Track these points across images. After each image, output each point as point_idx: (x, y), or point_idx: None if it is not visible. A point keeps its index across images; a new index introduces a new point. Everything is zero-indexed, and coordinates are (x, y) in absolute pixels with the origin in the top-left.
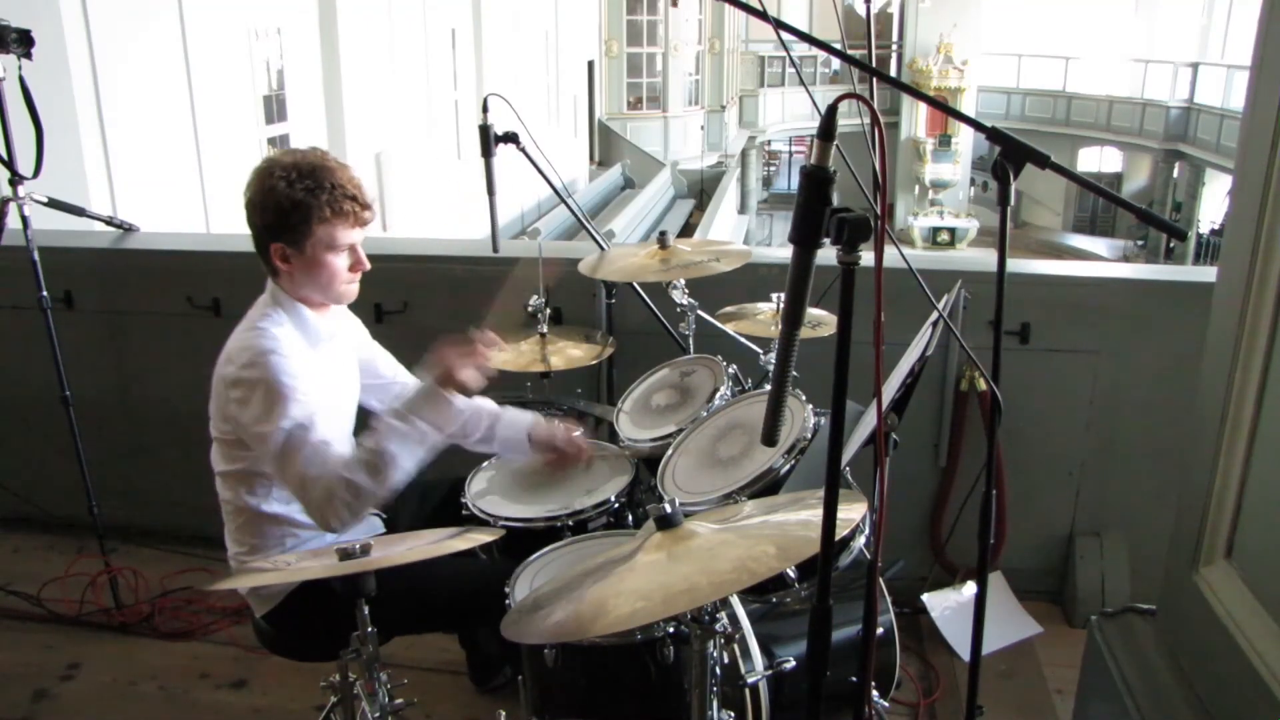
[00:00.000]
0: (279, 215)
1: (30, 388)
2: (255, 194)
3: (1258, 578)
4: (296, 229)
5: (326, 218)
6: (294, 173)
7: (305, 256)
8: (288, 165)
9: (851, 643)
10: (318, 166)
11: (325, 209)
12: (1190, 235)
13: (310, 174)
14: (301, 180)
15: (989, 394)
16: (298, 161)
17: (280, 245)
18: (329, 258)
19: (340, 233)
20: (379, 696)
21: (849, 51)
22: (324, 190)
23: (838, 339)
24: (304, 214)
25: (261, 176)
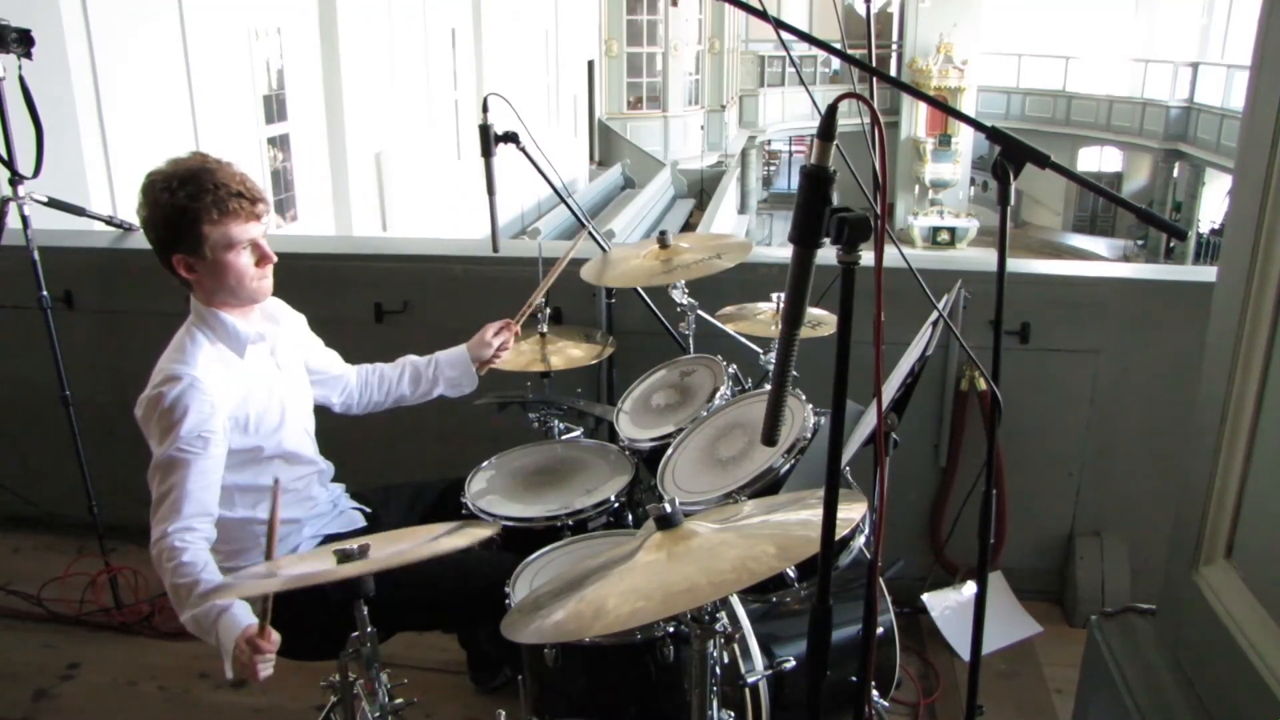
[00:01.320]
0: (170, 227)
1: (30, 388)
2: (144, 211)
3: (1258, 577)
4: (190, 237)
5: (215, 219)
6: (174, 181)
7: (207, 262)
8: (168, 175)
9: (851, 642)
10: (196, 170)
11: (212, 210)
12: (1190, 235)
13: (190, 179)
14: (183, 187)
15: (989, 394)
16: (176, 169)
17: (181, 256)
18: (230, 258)
19: (234, 230)
20: (379, 696)
21: (849, 51)
22: (207, 192)
23: (838, 339)
24: (192, 219)
25: (146, 192)
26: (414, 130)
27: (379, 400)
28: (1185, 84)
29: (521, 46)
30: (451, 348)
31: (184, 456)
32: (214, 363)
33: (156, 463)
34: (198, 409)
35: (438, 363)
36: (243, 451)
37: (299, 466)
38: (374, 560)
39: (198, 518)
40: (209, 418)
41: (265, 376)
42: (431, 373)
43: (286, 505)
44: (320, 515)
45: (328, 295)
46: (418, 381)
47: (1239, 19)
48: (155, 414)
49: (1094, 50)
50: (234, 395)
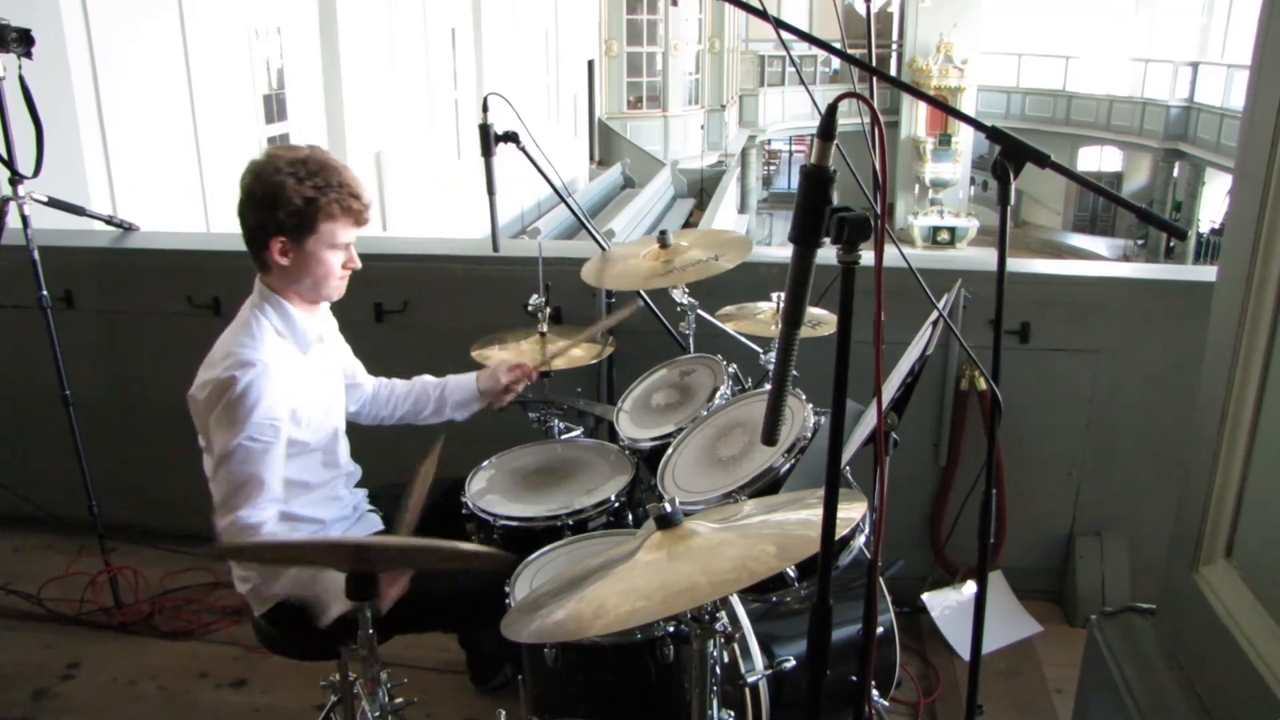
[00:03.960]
0: (286, 210)
1: (30, 388)
2: (258, 188)
3: (1258, 577)
4: (302, 225)
5: (334, 215)
6: (301, 169)
7: (305, 252)
8: (293, 161)
9: (851, 642)
10: (325, 164)
11: (334, 206)
12: (1190, 235)
13: (320, 170)
14: (311, 177)
15: (989, 393)
16: (304, 157)
17: (282, 240)
18: (327, 255)
19: (342, 231)
20: (379, 696)
21: (849, 51)
22: (331, 188)
23: (838, 338)
24: (312, 210)
25: (265, 171)
26: (414, 130)
27: (384, 416)
28: (1185, 84)
29: (521, 46)
30: (464, 374)
31: (257, 446)
32: (280, 354)
33: (228, 450)
34: (271, 396)
35: (446, 386)
36: (291, 444)
37: (333, 468)
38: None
39: (272, 504)
40: (277, 405)
41: (319, 375)
42: (439, 394)
43: (314, 504)
44: (344, 519)
45: None
46: (425, 402)
47: (1239, 19)
48: (224, 400)
49: (1094, 50)
50: (294, 389)
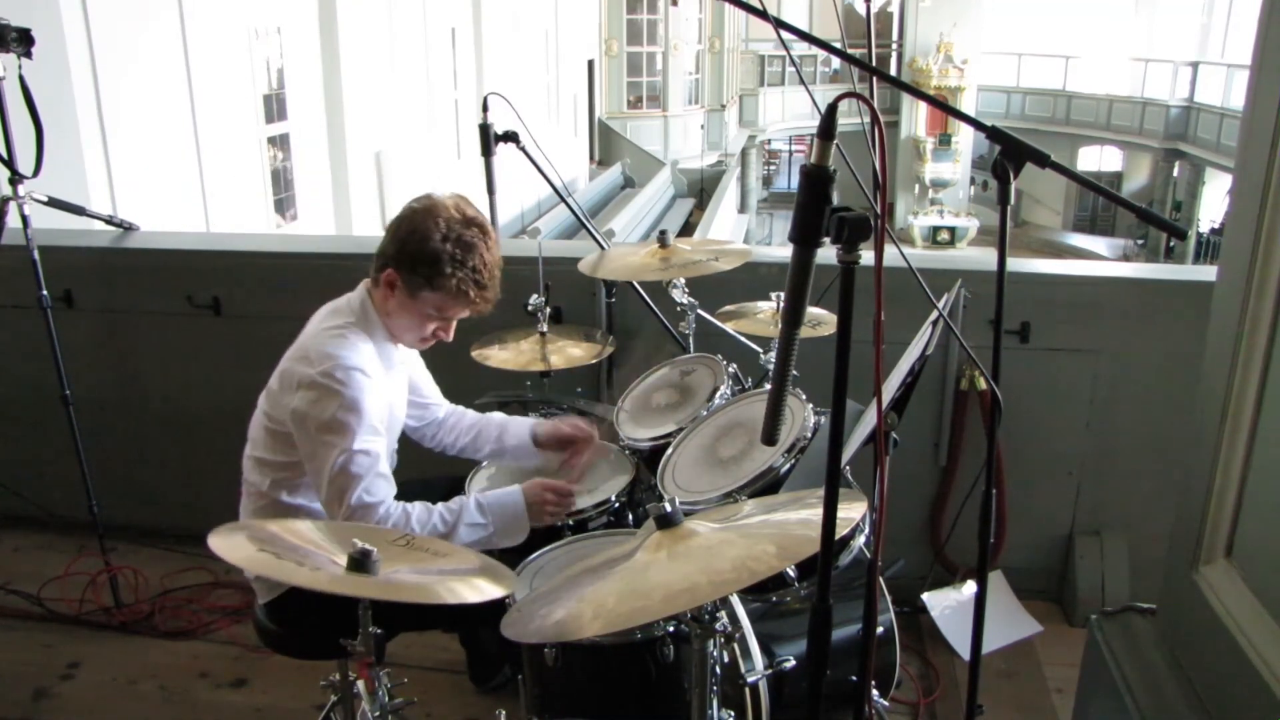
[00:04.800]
0: (415, 257)
1: (30, 388)
2: (410, 225)
3: (1258, 577)
4: (418, 278)
5: (448, 289)
6: (457, 229)
7: (407, 299)
8: (458, 220)
9: (851, 642)
10: (475, 242)
11: (452, 281)
12: (1190, 234)
13: (468, 243)
14: (458, 243)
15: (989, 393)
16: (468, 219)
17: (398, 276)
18: (425, 314)
19: (451, 308)
20: (379, 696)
21: (849, 51)
22: (464, 267)
23: (838, 338)
24: (434, 272)
25: (432, 209)
26: (414, 130)
27: (446, 444)
28: (1185, 83)
29: (521, 46)
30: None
31: (369, 448)
32: (374, 366)
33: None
34: (373, 403)
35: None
36: None
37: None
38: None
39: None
40: (379, 408)
41: (391, 393)
42: (499, 434)
43: None
44: None
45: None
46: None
47: (1239, 19)
48: (335, 405)
49: (1094, 50)
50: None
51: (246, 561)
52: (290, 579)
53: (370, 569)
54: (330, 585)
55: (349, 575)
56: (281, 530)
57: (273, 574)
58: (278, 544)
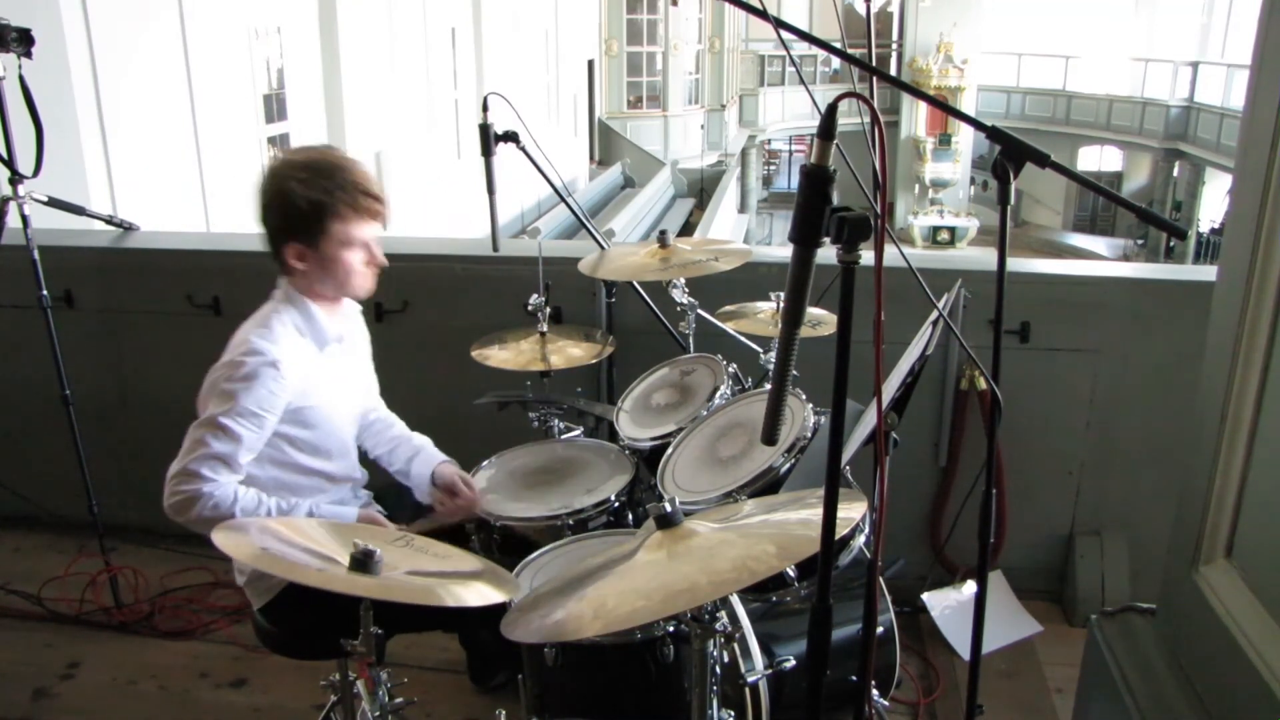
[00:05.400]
0: (296, 216)
1: (30, 388)
2: (269, 195)
3: (1258, 577)
4: (313, 228)
5: (344, 215)
6: (308, 172)
7: (321, 255)
8: (301, 164)
9: (851, 642)
10: (332, 164)
11: (342, 207)
12: (1190, 234)
13: (326, 173)
14: (318, 179)
15: (989, 393)
16: (312, 160)
17: (297, 245)
18: (345, 254)
19: (356, 230)
20: (379, 696)
21: (849, 50)
22: (340, 188)
23: (838, 338)
24: (320, 213)
25: (275, 178)
26: (414, 130)
27: (367, 447)
28: (1185, 83)
29: (521, 46)
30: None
31: (235, 428)
32: (296, 350)
33: (205, 420)
34: (267, 388)
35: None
36: (304, 443)
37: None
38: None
39: (235, 482)
40: (273, 399)
41: (334, 376)
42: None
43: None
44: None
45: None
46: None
47: (1239, 19)
48: (225, 377)
49: (1094, 50)
50: (303, 387)
51: (250, 558)
52: (294, 576)
53: (372, 569)
54: (333, 584)
55: (351, 575)
56: (285, 528)
57: (276, 571)
58: (281, 542)
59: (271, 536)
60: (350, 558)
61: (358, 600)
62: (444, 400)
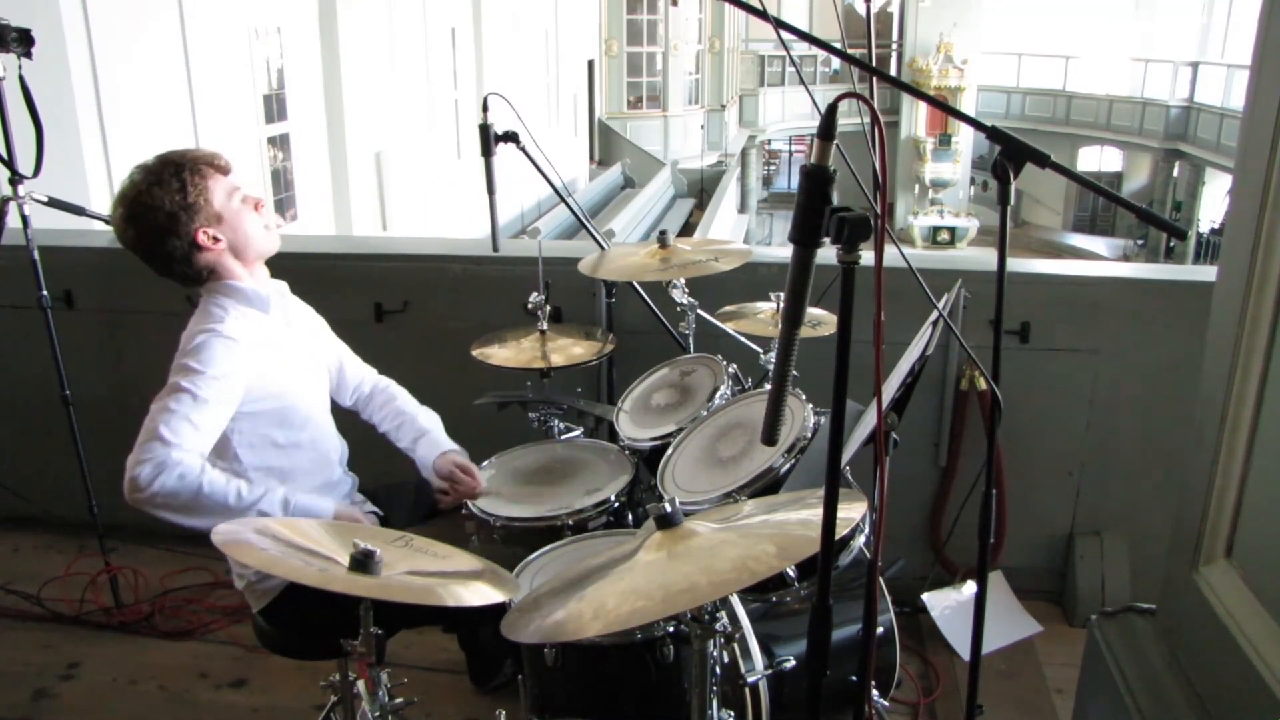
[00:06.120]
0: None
1: (30, 388)
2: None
3: (1258, 577)
4: (200, 206)
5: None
6: (158, 175)
7: (226, 223)
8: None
9: (851, 642)
10: (164, 160)
11: (200, 176)
12: (1190, 235)
13: (165, 166)
14: (167, 172)
15: (989, 393)
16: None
17: (202, 228)
18: (240, 207)
19: (224, 185)
20: (379, 696)
21: (849, 51)
22: (184, 167)
23: (838, 338)
24: (195, 190)
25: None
26: (414, 130)
27: (375, 420)
28: (1185, 84)
29: (521, 46)
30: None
31: (196, 389)
32: (243, 322)
33: (163, 391)
34: (221, 352)
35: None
36: (272, 414)
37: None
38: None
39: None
40: (230, 363)
41: (286, 344)
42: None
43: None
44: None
45: (328, 295)
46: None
47: (1239, 19)
48: (181, 357)
49: (1094, 50)
50: (258, 356)
51: (251, 559)
52: (295, 577)
53: (372, 569)
54: (333, 584)
55: (351, 575)
56: (285, 529)
57: (277, 572)
58: (281, 542)
59: (271, 537)
60: (350, 558)
61: (357, 600)
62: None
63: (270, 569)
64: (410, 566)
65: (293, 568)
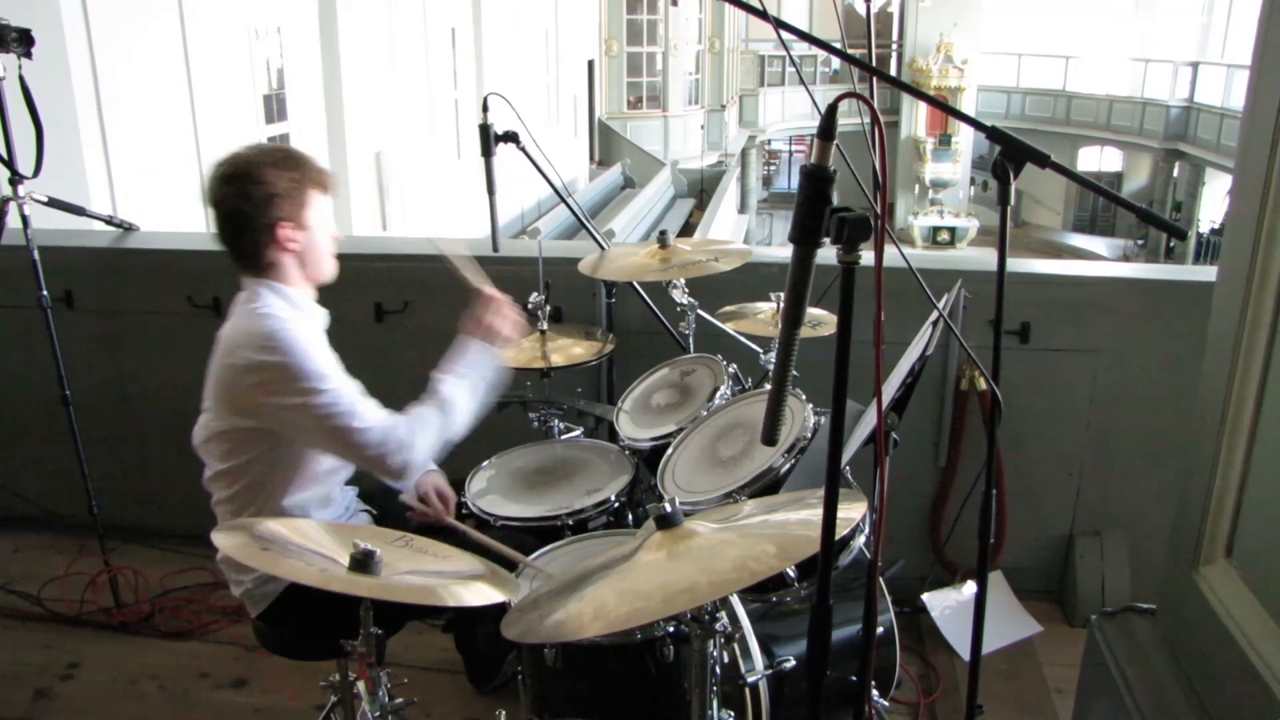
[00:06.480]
0: (283, 194)
1: (30, 388)
2: (249, 186)
3: (1258, 577)
4: (298, 207)
5: (322, 190)
6: (277, 159)
7: (309, 231)
8: (268, 153)
9: (851, 642)
10: (291, 151)
11: (313, 185)
12: (1190, 235)
13: (291, 157)
14: (289, 162)
15: (989, 394)
16: (272, 151)
17: (287, 225)
18: (323, 229)
19: (325, 204)
20: (379, 696)
21: (849, 51)
22: (310, 168)
23: (838, 338)
24: (304, 191)
25: (249, 172)
26: (414, 130)
27: None
28: (1185, 84)
29: (521, 46)
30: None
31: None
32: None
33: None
34: (314, 349)
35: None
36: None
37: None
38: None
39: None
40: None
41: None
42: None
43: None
44: (336, 518)
45: (328, 295)
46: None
47: (1239, 19)
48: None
49: (1094, 50)
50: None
51: (251, 559)
52: (295, 576)
53: (372, 569)
54: (333, 584)
55: (351, 575)
56: (284, 529)
57: (277, 572)
58: (280, 543)
59: (271, 538)
60: (350, 558)
61: (356, 600)
62: None
63: (271, 569)
64: (410, 566)
65: (293, 568)
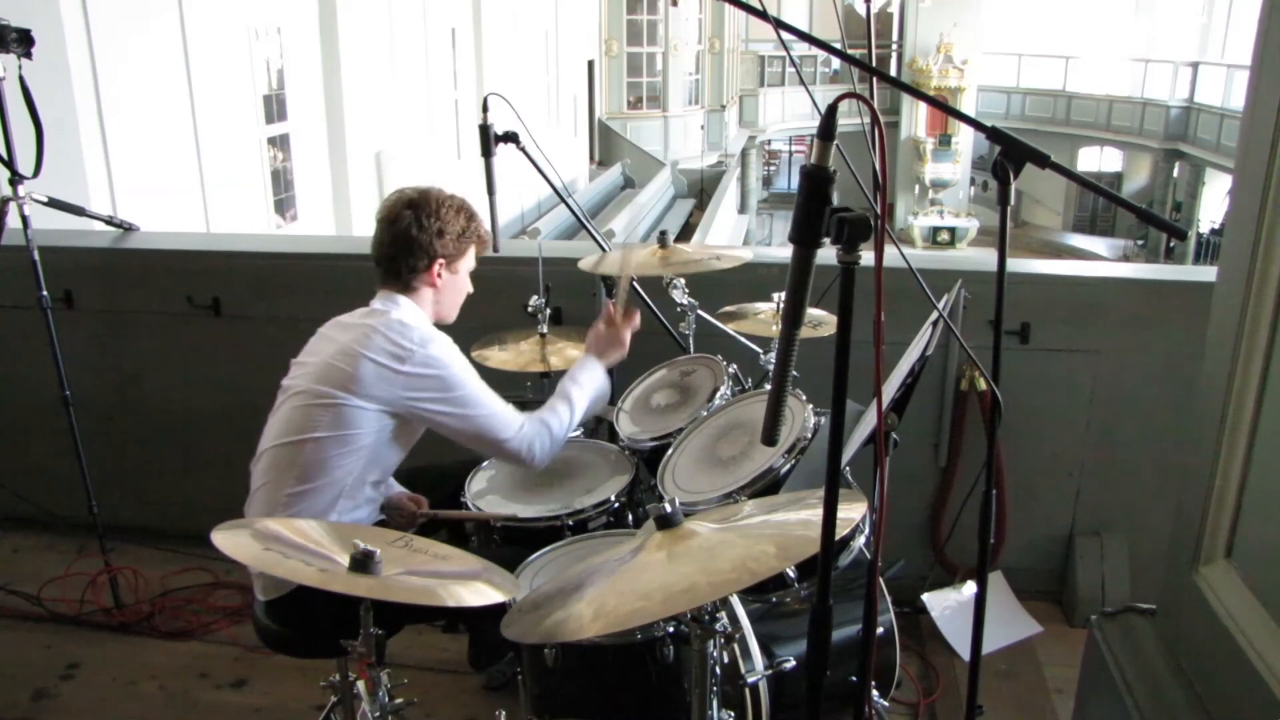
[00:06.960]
0: (454, 236)
1: (30, 388)
2: (433, 220)
3: (1258, 577)
4: (461, 251)
5: (479, 244)
6: (460, 205)
7: (457, 277)
8: (453, 198)
9: (851, 642)
10: (467, 203)
11: (475, 238)
12: (1190, 235)
13: (468, 209)
14: (467, 211)
15: (989, 394)
16: (455, 197)
17: (442, 262)
18: (467, 277)
19: (474, 257)
20: (379, 696)
21: (849, 51)
22: (476, 219)
23: (838, 339)
24: (467, 238)
25: (441, 208)
26: (414, 130)
27: None
28: (1185, 84)
29: (521, 47)
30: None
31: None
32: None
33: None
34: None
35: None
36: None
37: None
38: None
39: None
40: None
41: None
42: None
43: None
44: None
45: (328, 295)
46: None
47: (1239, 19)
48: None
49: (1094, 50)
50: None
51: (250, 559)
52: (295, 577)
53: (372, 569)
54: (333, 584)
55: (351, 575)
56: (284, 529)
57: (277, 572)
58: (281, 543)
59: (272, 537)
60: (350, 558)
61: (359, 600)
62: None
63: (271, 570)
64: (410, 566)
65: (293, 568)
